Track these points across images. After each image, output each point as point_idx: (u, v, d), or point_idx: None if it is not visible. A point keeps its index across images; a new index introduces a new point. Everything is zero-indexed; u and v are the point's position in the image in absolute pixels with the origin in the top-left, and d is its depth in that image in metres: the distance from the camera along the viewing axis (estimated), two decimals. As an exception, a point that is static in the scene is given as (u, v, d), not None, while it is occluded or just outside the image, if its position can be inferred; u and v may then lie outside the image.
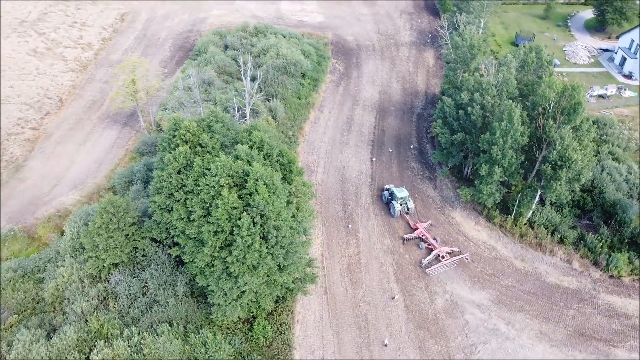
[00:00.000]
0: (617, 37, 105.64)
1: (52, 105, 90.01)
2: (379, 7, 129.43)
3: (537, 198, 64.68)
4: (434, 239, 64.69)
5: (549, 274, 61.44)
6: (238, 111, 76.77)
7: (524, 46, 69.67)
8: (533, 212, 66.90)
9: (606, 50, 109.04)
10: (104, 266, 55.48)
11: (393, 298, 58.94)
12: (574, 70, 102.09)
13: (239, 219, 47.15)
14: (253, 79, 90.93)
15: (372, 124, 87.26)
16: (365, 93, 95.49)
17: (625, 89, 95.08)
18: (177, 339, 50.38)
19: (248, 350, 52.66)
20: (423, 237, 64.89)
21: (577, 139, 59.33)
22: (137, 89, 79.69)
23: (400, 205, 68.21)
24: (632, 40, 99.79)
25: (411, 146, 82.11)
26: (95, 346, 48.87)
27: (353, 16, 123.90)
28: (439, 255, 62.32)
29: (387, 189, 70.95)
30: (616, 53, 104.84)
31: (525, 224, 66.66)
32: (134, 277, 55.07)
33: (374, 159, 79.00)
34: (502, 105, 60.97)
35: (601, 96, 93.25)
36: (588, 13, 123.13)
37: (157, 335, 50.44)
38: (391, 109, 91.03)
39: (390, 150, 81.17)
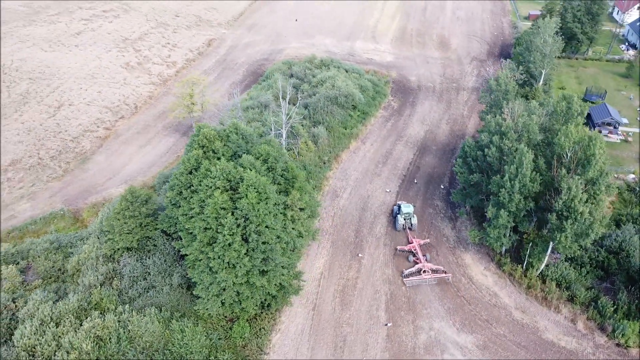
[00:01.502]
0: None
1: (127, 111, 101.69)
2: (452, 52, 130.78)
3: (550, 250, 61.91)
4: (424, 255, 66.91)
5: (548, 330, 58.12)
6: (277, 131, 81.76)
7: (560, 95, 68.14)
8: (547, 265, 63.99)
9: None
10: (118, 248, 61.96)
11: (386, 325, 59.07)
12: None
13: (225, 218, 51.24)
14: (306, 107, 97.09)
15: (409, 160, 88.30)
16: (412, 131, 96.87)
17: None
18: (160, 323, 54.76)
19: (224, 347, 55.65)
20: (414, 252, 67.15)
21: (592, 193, 56.72)
22: (193, 102, 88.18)
23: (404, 219, 71.45)
24: None
25: (441, 186, 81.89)
26: (90, 315, 54.71)
27: (422, 59, 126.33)
28: (421, 269, 64.35)
29: (398, 204, 74.36)
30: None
31: (536, 276, 63.77)
32: (139, 262, 60.92)
33: (388, 190, 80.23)
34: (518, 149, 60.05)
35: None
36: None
37: (144, 316, 55.25)
38: (432, 148, 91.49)
39: (419, 185, 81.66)
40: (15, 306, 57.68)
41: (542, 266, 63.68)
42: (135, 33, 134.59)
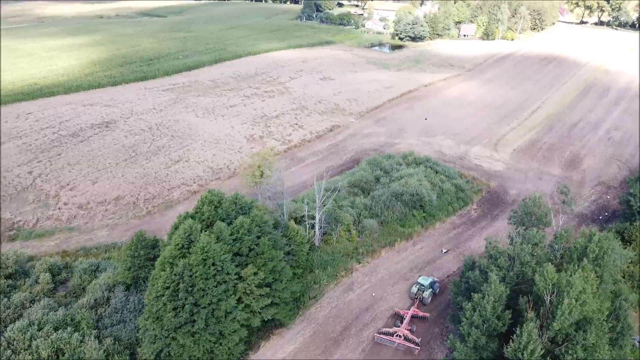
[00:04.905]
0: None
1: (225, 174, 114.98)
2: (578, 172, 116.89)
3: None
4: (411, 326, 66.55)
5: None
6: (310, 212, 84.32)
7: (584, 231, 57.25)
8: None
9: None
10: (118, 281, 70.68)
11: None
12: None
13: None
14: (372, 198, 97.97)
15: (449, 272, 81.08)
16: (474, 244, 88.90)
17: None
18: (107, 353, 60.36)
19: (150, 395, 58.37)
20: (404, 317, 67.47)
21: (565, 350, 46.08)
22: (261, 175, 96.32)
23: (417, 290, 71.85)
24: None
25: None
26: (64, 329, 63.27)
27: (536, 174, 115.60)
28: (395, 332, 64.15)
29: (419, 276, 76.14)
30: None
31: None
32: (125, 297, 68.36)
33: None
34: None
35: None
36: None
37: (100, 343, 61.63)
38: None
39: (441, 300, 74.21)
40: (30, 306, 69.78)
41: None
42: (276, 112, 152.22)
